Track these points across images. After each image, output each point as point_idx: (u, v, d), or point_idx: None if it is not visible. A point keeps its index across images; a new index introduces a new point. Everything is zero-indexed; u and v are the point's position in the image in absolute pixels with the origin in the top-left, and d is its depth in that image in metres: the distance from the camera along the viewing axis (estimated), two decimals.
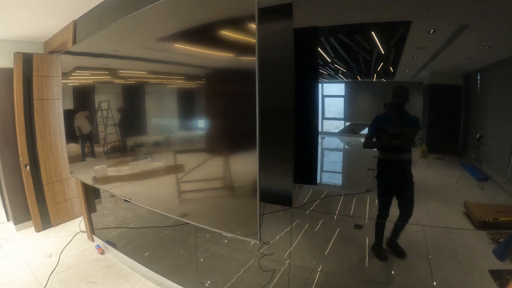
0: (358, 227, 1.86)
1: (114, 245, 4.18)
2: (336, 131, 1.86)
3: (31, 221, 5.33)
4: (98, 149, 3.28)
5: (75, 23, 3.97)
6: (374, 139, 1.84)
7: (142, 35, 2.39)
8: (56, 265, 4.10)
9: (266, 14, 1.77)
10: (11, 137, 5.03)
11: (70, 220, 5.63)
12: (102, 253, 4.38)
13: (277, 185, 2.03)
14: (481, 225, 1.55)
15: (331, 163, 1.92)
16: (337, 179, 1.94)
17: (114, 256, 4.21)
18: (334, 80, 1.80)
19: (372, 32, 1.68)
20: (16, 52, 4.74)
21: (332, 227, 1.93)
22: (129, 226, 3.85)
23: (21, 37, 4.69)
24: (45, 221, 5.38)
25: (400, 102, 1.77)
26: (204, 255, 2.90)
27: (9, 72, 4.83)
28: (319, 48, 1.76)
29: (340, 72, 1.78)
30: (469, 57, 1.58)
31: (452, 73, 1.61)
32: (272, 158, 1.97)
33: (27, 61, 4.83)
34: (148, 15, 2.25)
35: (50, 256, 4.42)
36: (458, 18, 1.51)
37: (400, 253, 1.85)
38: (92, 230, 4.72)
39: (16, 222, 5.41)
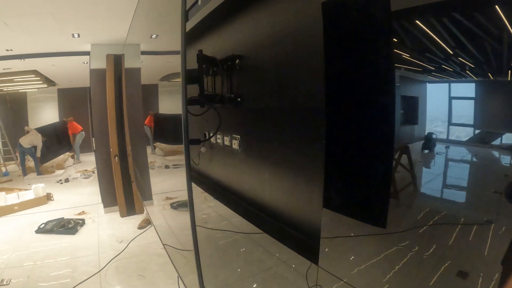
0: (463, 275, 1.10)
1: None
2: (464, 139, 1.30)
3: (118, 206, 5.10)
4: None
5: None
6: None
7: None
8: (121, 252, 3.88)
9: None
10: (104, 129, 4.99)
11: None
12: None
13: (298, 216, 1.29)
14: None
15: (450, 178, 1.34)
16: (452, 199, 1.30)
17: None
18: (463, 78, 1.22)
19: (496, 7, 0.99)
20: (108, 54, 4.72)
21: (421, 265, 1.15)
22: (206, 226, 3.25)
23: (116, 41, 4.52)
24: (130, 208, 5.21)
25: None
26: (263, 276, 2.17)
27: (104, 72, 4.80)
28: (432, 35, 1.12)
29: (467, 68, 1.16)
30: None
31: None
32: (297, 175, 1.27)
33: (118, 62, 4.74)
34: None
35: (121, 241, 4.20)
36: None
37: None
38: None
39: (105, 205, 5.39)
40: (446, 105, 1.36)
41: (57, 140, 9.83)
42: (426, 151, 1.37)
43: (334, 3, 1.19)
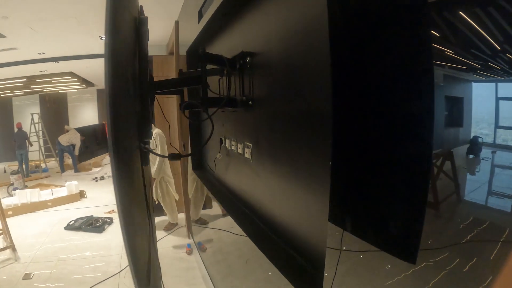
0: None
1: (203, 249, 3.65)
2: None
3: None
4: None
5: (177, 22, 3.45)
6: None
7: None
8: None
9: None
10: None
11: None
12: (189, 253, 3.94)
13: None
14: None
15: (496, 187, 1.19)
16: (499, 209, 1.12)
17: (196, 260, 3.65)
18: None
19: None
20: None
21: None
22: (231, 231, 3.17)
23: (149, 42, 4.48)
24: (160, 209, 5.12)
25: None
26: None
27: None
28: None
29: None
30: None
31: None
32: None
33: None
34: None
35: None
36: None
37: None
38: (190, 227, 4.25)
39: None
40: (493, 106, 1.24)
41: (96, 141, 10.17)
42: (471, 156, 1.25)
43: None
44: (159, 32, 4.18)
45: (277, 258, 1.17)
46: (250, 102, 1.39)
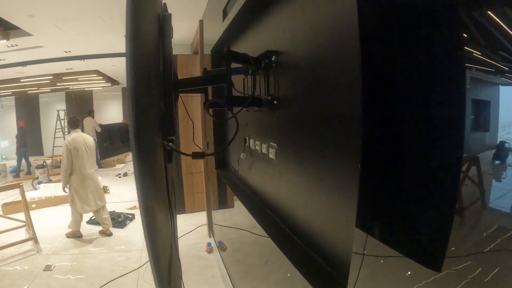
0: None
1: (223, 248, 3.70)
2: None
3: None
4: None
5: (201, 22, 3.51)
6: None
7: None
8: None
9: None
10: None
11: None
12: (209, 252, 4.00)
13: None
14: None
15: None
16: None
17: (216, 258, 3.70)
18: None
19: None
20: None
21: None
22: (252, 231, 3.15)
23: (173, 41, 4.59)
24: (180, 207, 5.30)
25: None
26: None
27: None
28: None
29: None
30: None
31: None
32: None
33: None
34: None
35: None
36: None
37: None
38: (211, 226, 4.33)
39: None
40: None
41: (120, 139, 10.37)
42: (497, 162, 1.21)
43: None
44: (184, 32, 4.26)
45: (299, 261, 1.20)
46: (275, 102, 1.41)
